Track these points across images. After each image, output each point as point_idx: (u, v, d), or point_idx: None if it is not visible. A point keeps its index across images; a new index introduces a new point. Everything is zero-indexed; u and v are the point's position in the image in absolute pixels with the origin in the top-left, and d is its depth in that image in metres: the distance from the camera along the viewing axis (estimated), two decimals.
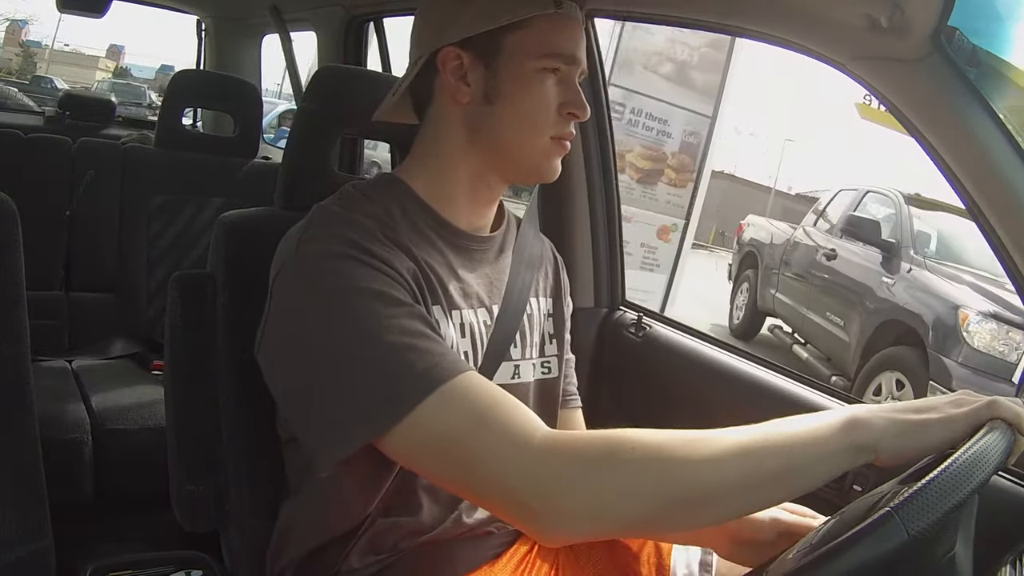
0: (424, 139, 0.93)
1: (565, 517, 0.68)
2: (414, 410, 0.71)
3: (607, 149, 1.59)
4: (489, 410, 0.71)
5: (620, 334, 1.57)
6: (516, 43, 0.86)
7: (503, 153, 0.89)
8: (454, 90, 0.88)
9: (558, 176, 0.92)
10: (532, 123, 0.87)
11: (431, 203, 0.90)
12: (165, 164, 2.19)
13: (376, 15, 2.16)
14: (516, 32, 0.85)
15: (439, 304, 0.86)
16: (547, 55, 0.86)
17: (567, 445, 0.70)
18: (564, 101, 0.88)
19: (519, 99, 0.87)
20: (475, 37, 0.86)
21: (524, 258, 0.99)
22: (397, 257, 0.81)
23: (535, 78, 0.86)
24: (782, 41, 1.10)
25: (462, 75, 0.87)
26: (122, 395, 1.81)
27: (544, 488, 0.68)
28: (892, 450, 0.67)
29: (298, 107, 1.23)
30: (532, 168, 0.91)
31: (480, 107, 0.87)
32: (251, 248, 0.98)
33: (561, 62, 0.87)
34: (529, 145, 0.88)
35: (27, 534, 0.86)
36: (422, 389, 0.71)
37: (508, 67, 0.86)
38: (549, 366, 1.02)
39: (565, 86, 0.88)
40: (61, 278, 2.09)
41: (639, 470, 0.67)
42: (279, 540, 0.96)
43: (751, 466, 0.67)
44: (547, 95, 0.87)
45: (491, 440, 0.70)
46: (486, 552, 0.97)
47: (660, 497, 0.67)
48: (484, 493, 0.72)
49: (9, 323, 0.86)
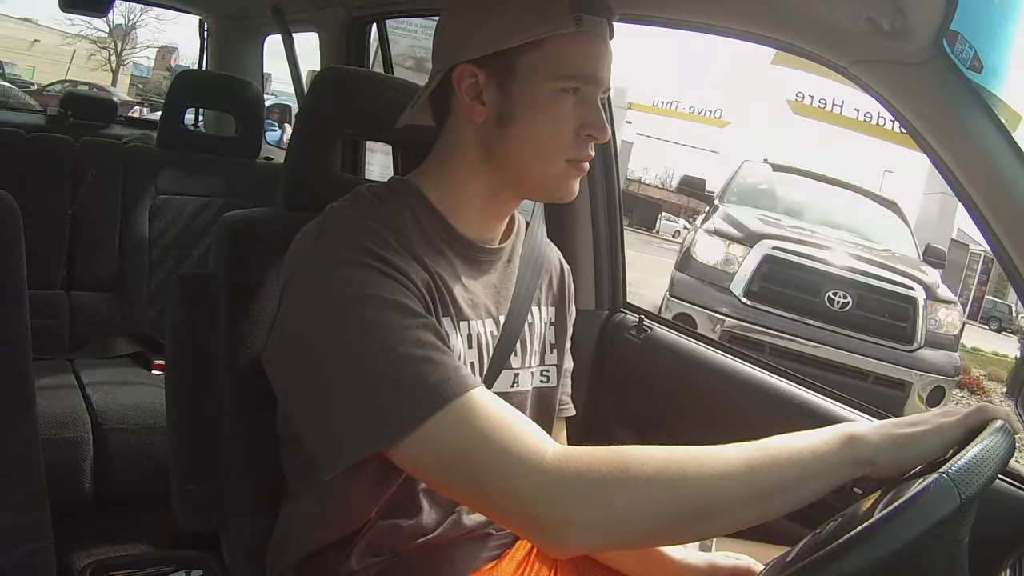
0: (440, 150, 0.92)
1: (576, 531, 0.69)
2: (424, 423, 0.71)
3: (608, 152, 1.59)
4: (500, 425, 0.72)
5: (621, 337, 1.57)
6: (531, 64, 0.83)
7: (516, 174, 0.88)
8: (469, 108, 0.86)
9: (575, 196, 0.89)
10: (546, 147, 0.85)
11: (443, 212, 0.89)
12: (167, 164, 2.19)
13: (378, 16, 2.16)
14: (531, 53, 0.82)
15: (449, 316, 0.86)
16: (563, 77, 0.83)
17: (578, 461, 0.71)
18: (583, 123, 0.84)
19: (533, 123, 0.84)
20: (490, 56, 0.83)
21: (531, 262, 0.98)
22: (411, 267, 0.80)
23: (550, 100, 0.83)
24: (784, 45, 1.10)
25: (477, 94, 0.85)
26: (123, 395, 1.81)
27: (555, 502, 0.69)
28: (888, 462, 0.70)
29: (300, 108, 1.23)
30: (546, 190, 0.89)
31: (494, 129, 0.85)
32: (253, 249, 0.98)
33: (579, 83, 0.83)
34: (542, 168, 0.86)
35: (27, 533, 0.86)
36: (433, 403, 0.71)
37: (522, 89, 0.83)
38: (548, 375, 1.02)
39: (584, 107, 0.84)
40: (62, 277, 2.09)
41: (649, 485, 0.69)
42: (279, 541, 0.96)
43: (756, 480, 0.69)
44: (562, 118, 0.84)
45: (502, 455, 0.70)
46: (485, 554, 0.97)
47: (669, 511, 0.69)
48: (494, 506, 0.73)
49: (10, 322, 0.86)
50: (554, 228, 1.50)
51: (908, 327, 4.70)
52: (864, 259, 4.97)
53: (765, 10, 1.09)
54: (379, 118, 1.08)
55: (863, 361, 4.60)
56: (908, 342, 4.69)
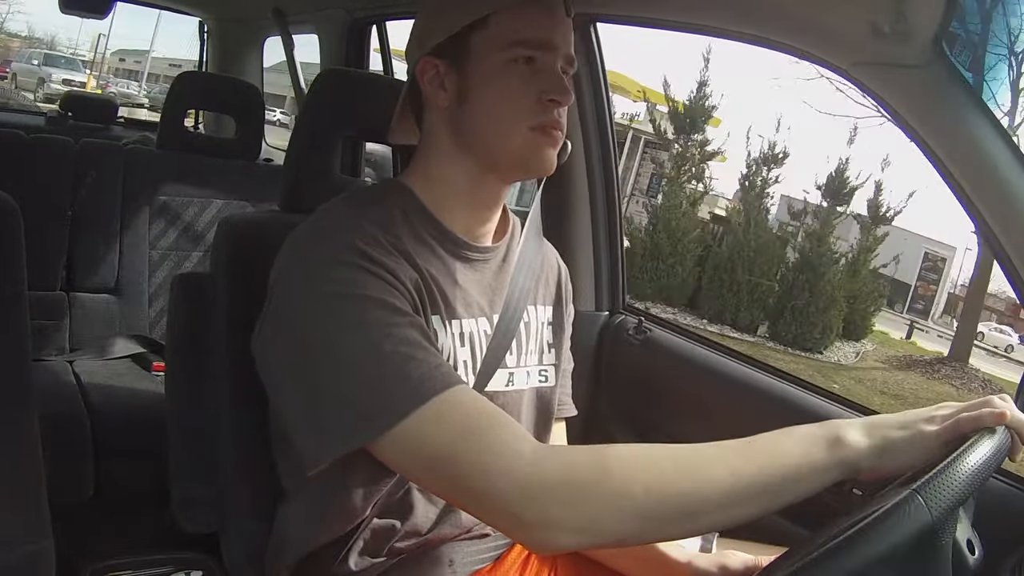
0: (420, 148, 0.94)
1: (555, 529, 0.69)
2: (406, 419, 0.71)
3: (608, 153, 1.59)
4: (481, 422, 0.72)
5: (621, 338, 1.57)
6: (482, 40, 0.86)
7: (486, 151, 0.89)
8: (434, 97, 0.89)
9: (554, 170, 0.90)
10: (505, 116, 0.86)
11: (433, 210, 0.90)
12: (167, 165, 2.19)
13: (378, 18, 2.17)
14: (481, 31, 0.86)
15: (438, 313, 0.87)
16: (512, 44, 0.85)
17: (558, 459, 0.71)
18: (542, 89, 0.86)
19: (488, 92, 0.86)
20: (445, 44, 0.87)
21: (525, 265, 0.98)
22: (400, 266, 0.81)
23: (503, 70, 0.86)
24: (784, 46, 1.10)
25: (440, 83, 0.88)
26: (122, 396, 1.81)
27: (534, 500, 0.69)
28: (872, 468, 0.70)
29: (300, 110, 1.23)
30: (520, 163, 0.89)
31: (457, 108, 0.88)
32: (253, 251, 0.98)
33: (529, 49, 0.86)
34: (505, 138, 0.87)
35: (27, 534, 0.86)
36: (416, 399, 0.72)
37: (476, 65, 0.86)
38: (546, 375, 1.02)
39: (542, 74, 0.86)
40: (62, 278, 2.09)
41: (628, 484, 0.69)
42: (277, 542, 0.96)
43: (737, 481, 0.69)
44: (516, 84, 0.85)
45: (482, 452, 0.71)
46: (484, 554, 0.97)
47: (649, 510, 0.69)
48: (475, 503, 0.73)
49: (10, 323, 0.86)
50: (553, 229, 1.51)
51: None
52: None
53: (765, 12, 1.09)
54: (378, 120, 1.08)
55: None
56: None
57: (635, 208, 11.31)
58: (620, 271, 1.66)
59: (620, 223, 1.64)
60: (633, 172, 12.35)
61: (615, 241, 1.64)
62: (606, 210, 1.62)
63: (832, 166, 9.95)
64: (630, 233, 9.26)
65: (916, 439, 0.70)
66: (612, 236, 1.63)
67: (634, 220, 10.15)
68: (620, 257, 1.65)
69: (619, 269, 1.65)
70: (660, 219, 9.51)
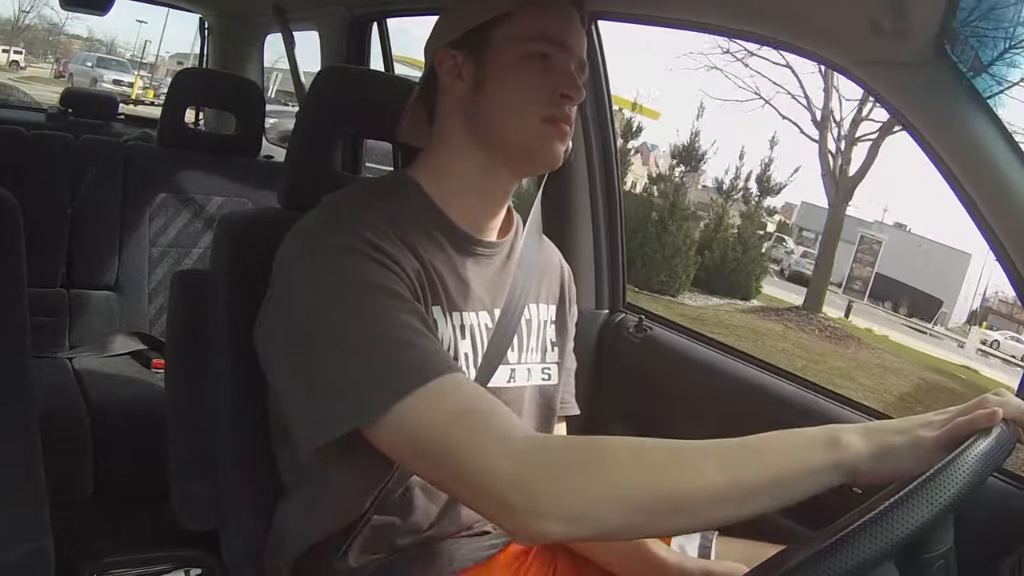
0: (432, 139, 0.95)
1: (541, 517, 0.68)
2: (400, 402, 0.72)
3: (609, 152, 1.59)
4: (475, 407, 0.73)
5: (621, 336, 1.57)
6: (502, 34, 0.88)
7: (499, 138, 0.90)
8: (451, 86, 0.91)
9: (559, 165, 0.92)
10: (519, 104, 0.88)
11: (439, 204, 0.91)
12: (167, 162, 2.18)
13: (379, 15, 2.16)
14: (502, 25, 0.88)
15: (439, 304, 0.87)
16: (530, 39, 0.88)
17: (550, 447, 0.72)
18: (556, 84, 0.88)
19: (504, 82, 0.88)
20: (466, 36, 0.90)
21: (525, 263, 0.99)
22: (403, 254, 0.82)
23: (520, 64, 0.88)
24: (785, 45, 1.10)
25: (457, 72, 0.90)
26: (122, 393, 1.81)
27: (525, 487, 0.68)
28: (870, 472, 0.69)
29: (300, 107, 1.23)
30: (529, 154, 0.90)
31: (473, 97, 0.90)
32: (253, 248, 0.98)
33: (546, 46, 0.88)
34: (519, 126, 0.88)
35: (27, 532, 0.86)
36: (413, 382, 0.72)
37: (495, 56, 0.89)
38: (549, 373, 1.03)
39: (556, 72, 0.88)
40: (62, 275, 2.09)
41: (620, 475, 0.68)
42: (276, 538, 0.96)
43: (731, 480, 0.68)
44: (531, 78, 0.88)
45: (474, 437, 0.71)
46: (484, 552, 0.97)
47: (639, 503, 0.68)
48: (464, 487, 0.73)
49: (9, 320, 0.86)
50: (554, 228, 1.51)
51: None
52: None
53: (766, 10, 1.09)
54: (379, 117, 1.08)
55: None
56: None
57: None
58: (620, 269, 1.66)
59: (621, 222, 1.64)
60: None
61: (615, 240, 1.64)
62: (606, 209, 1.61)
63: (684, 138, 12.24)
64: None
65: (914, 444, 0.69)
66: (612, 235, 1.63)
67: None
68: (620, 256, 1.65)
69: (619, 267, 1.65)
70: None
